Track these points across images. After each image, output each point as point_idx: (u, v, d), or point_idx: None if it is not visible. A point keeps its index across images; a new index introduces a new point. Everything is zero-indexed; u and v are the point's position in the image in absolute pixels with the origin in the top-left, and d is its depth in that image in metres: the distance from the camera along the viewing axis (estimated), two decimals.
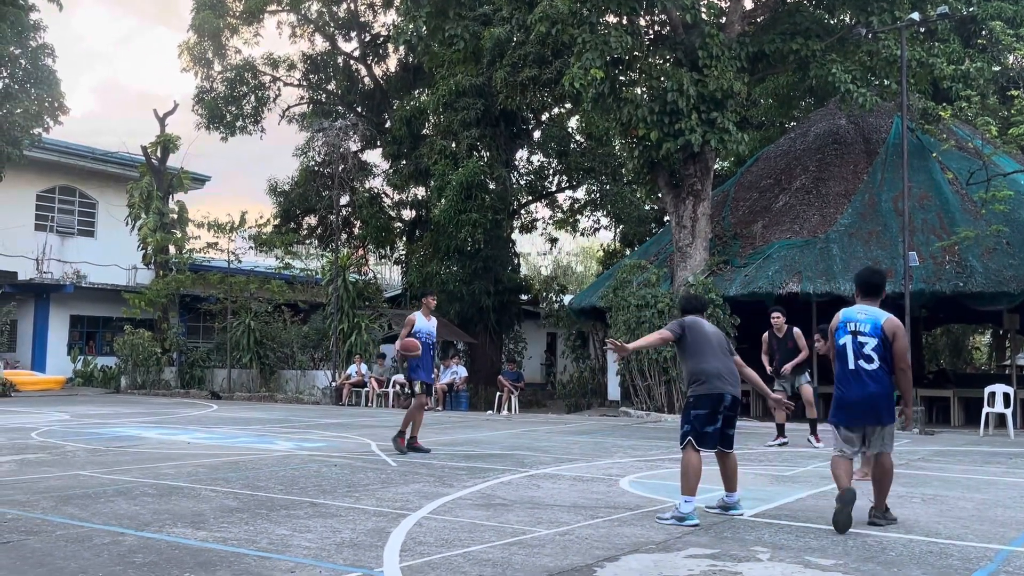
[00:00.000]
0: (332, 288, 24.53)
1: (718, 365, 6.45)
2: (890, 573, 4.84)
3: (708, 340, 6.56)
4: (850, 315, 6.32)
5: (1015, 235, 17.44)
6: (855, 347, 6.17)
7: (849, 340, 6.21)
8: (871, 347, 6.12)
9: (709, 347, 6.52)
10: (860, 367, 6.14)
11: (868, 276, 6.60)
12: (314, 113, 33.25)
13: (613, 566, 4.93)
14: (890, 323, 6.18)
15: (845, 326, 6.27)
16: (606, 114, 19.37)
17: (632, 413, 18.74)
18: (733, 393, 6.43)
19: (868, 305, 6.33)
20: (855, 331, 6.20)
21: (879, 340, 6.11)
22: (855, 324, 6.22)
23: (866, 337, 6.14)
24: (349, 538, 5.61)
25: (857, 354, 6.16)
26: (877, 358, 6.10)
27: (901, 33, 17.04)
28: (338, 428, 14.53)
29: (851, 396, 6.16)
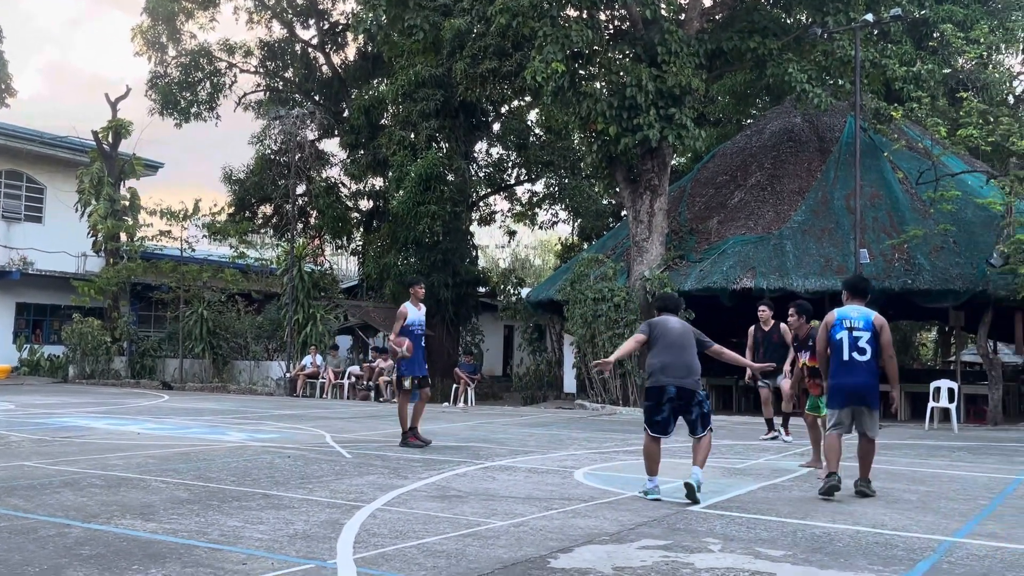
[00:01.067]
0: (287, 278, 24.26)
1: (666, 360, 6.91)
2: (837, 563, 4.93)
3: (668, 336, 7.03)
4: (845, 314, 7.25)
5: (961, 234, 17.85)
6: (851, 341, 7.09)
7: (846, 335, 7.13)
8: (865, 340, 7.07)
9: (665, 343, 6.98)
10: (854, 358, 7.07)
11: (856, 281, 7.76)
12: (271, 101, 32.81)
13: (567, 557, 4.96)
14: (878, 319, 7.17)
15: (841, 323, 7.18)
16: (565, 108, 19.41)
17: (588, 406, 18.86)
18: (679, 385, 6.85)
19: (858, 304, 7.31)
20: (851, 327, 7.12)
21: (871, 334, 7.07)
22: (850, 321, 7.15)
23: (860, 332, 7.09)
24: (302, 530, 5.56)
25: (852, 347, 7.08)
26: (870, 350, 7.05)
27: (855, 34, 17.33)
28: (292, 419, 14.40)
29: (849, 383, 7.09)
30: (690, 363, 6.95)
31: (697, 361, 7.04)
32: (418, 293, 10.72)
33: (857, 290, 7.50)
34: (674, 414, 6.92)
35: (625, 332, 17.81)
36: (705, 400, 7.03)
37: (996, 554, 5.27)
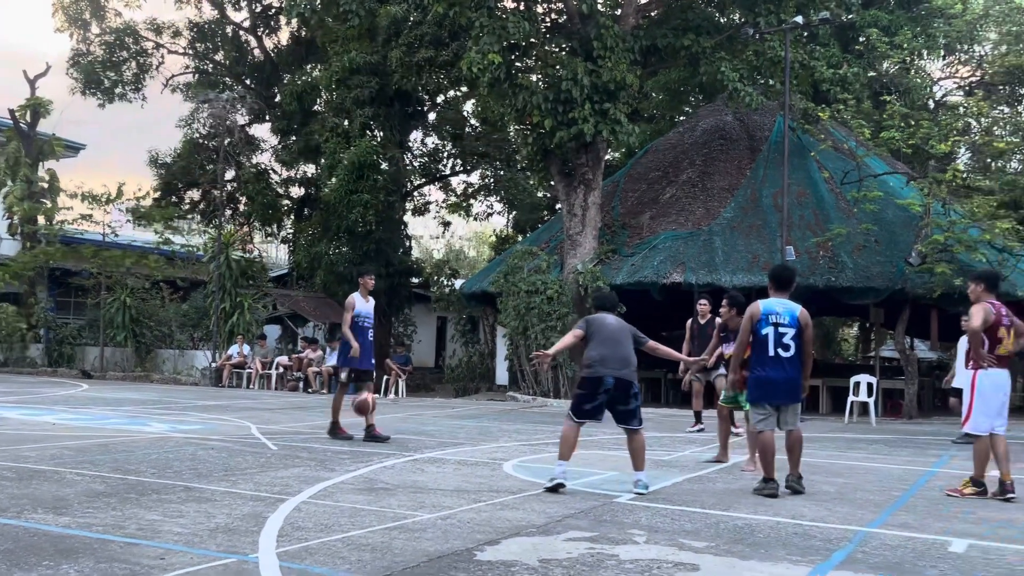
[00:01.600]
0: (214, 266, 23.73)
1: (604, 352, 7.02)
2: (757, 554, 5.03)
3: (605, 331, 7.14)
4: (771, 308, 7.08)
5: (883, 234, 18.40)
6: (776, 337, 6.98)
7: (771, 331, 7.00)
8: (789, 336, 6.97)
9: (602, 337, 7.10)
10: (779, 354, 6.97)
11: (781, 272, 7.57)
12: (200, 83, 32.01)
13: (493, 550, 4.95)
14: (803, 315, 7.08)
15: (767, 318, 7.03)
16: (502, 99, 19.40)
17: (519, 398, 18.92)
18: (617, 376, 6.96)
19: (782, 298, 7.18)
20: (776, 323, 7.00)
21: (796, 330, 6.99)
22: (776, 316, 7.02)
23: (786, 328, 6.98)
24: (224, 523, 5.44)
25: (777, 343, 6.97)
26: (794, 346, 6.98)
27: (785, 35, 17.70)
28: (217, 410, 14.10)
29: (773, 378, 7.01)
30: (627, 356, 7.08)
31: (634, 355, 7.17)
32: (368, 284, 10.40)
33: (782, 282, 7.32)
34: (606, 405, 7.01)
35: (558, 325, 17.91)
36: (639, 394, 7.14)
37: (908, 544, 5.45)
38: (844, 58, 20.45)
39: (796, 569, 4.71)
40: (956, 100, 26.73)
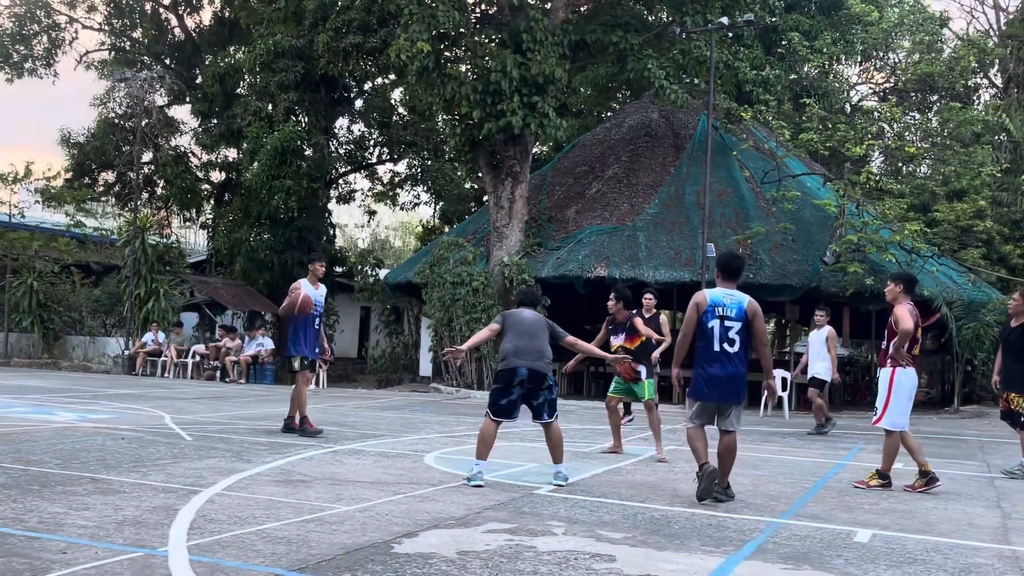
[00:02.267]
0: (129, 250, 22.97)
1: (519, 344, 7.01)
2: (673, 544, 5.11)
3: (520, 325, 7.13)
4: (718, 299, 6.60)
5: (800, 233, 18.93)
6: (721, 330, 6.51)
7: (717, 324, 6.53)
8: (735, 331, 6.51)
9: (517, 330, 7.09)
10: (725, 349, 6.50)
11: (729, 260, 7.03)
12: (116, 61, 30.89)
13: (411, 542, 4.91)
14: (751, 306, 6.60)
15: (713, 310, 6.55)
16: (430, 89, 19.25)
17: (443, 389, 18.86)
18: (530, 367, 6.93)
19: (729, 288, 6.68)
20: (723, 315, 6.53)
21: (743, 324, 6.52)
22: (723, 308, 6.55)
23: (732, 321, 6.52)
24: (132, 516, 5.26)
25: (722, 337, 6.50)
26: (739, 341, 6.52)
27: (711, 35, 18.02)
28: (129, 399, 13.66)
29: (717, 375, 6.50)
30: (542, 348, 7.08)
31: (549, 348, 7.16)
32: (317, 271, 9.89)
33: (730, 271, 6.83)
34: (522, 399, 6.98)
35: (483, 317, 17.91)
36: (554, 386, 7.13)
37: (816, 534, 5.61)
38: (767, 60, 20.93)
39: (710, 559, 4.80)
40: (871, 105, 27.64)
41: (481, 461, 6.89)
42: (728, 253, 7.85)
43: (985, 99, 28.31)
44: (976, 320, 17.68)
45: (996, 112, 23.37)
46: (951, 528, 6.02)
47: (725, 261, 7.01)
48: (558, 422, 7.15)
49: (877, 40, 24.77)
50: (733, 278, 6.77)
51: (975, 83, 28.25)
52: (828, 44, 21.23)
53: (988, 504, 7.07)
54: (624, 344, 9.01)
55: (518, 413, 7.07)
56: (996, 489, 7.92)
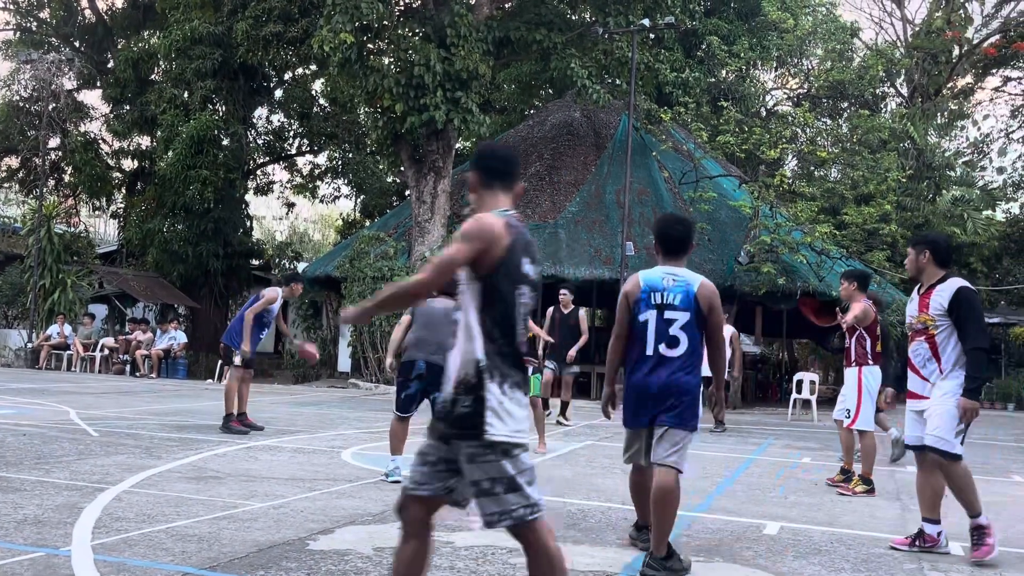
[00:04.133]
0: (34, 239, 22.06)
1: (422, 335, 6.80)
2: (589, 539, 5.18)
3: (426, 316, 6.87)
4: (653, 281, 4.66)
5: (715, 233, 19.37)
6: (659, 326, 4.57)
7: (652, 317, 4.59)
8: (680, 325, 4.56)
9: (422, 321, 6.88)
10: (661, 353, 4.57)
11: (669, 227, 4.84)
12: (21, 42, 29.55)
13: (327, 538, 4.85)
14: (705, 289, 4.62)
15: (648, 297, 4.62)
16: (352, 80, 19.03)
17: (361, 385, 18.68)
18: (428, 360, 6.65)
19: (674, 266, 4.71)
20: (662, 303, 4.59)
21: (691, 315, 4.56)
22: (662, 294, 4.60)
23: (676, 312, 4.56)
24: (33, 514, 5.06)
25: (660, 335, 4.57)
26: (686, 340, 4.56)
27: (633, 37, 18.28)
28: (32, 393, 13.12)
29: (647, 386, 4.58)
30: (443, 340, 6.80)
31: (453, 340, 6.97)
32: (295, 291, 9.85)
33: (671, 241, 4.75)
34: (422, 392, 6.74)
35: (403, 312, 17.78)
36: None
37: (727, 527, 5.76)
38: (686, 63, 21.38)
39: (625, 553, 4.89)
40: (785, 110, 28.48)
41: (397, 456, 6.79)
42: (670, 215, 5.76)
43: (892, 107, 29.49)
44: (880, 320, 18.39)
45: (902, 120, 24.36)
46: (854, 520, 6.25)
47: (665, 227, 4.85)
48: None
49: (792, 47, 25.54)
50: (677, 252, 4.73)
51: (883, 92, 29.41)
52: (745, 49, 21.80)
53: (889, 497, 7.36)
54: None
55: (416, 407, 6.78)
56: (896, 482, 8.27)
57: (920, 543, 5.29)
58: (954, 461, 5.10)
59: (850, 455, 7.78)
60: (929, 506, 5.33)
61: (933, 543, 5.28)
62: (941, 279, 5.26)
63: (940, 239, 5.47)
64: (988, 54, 28.06)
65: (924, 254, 5.31)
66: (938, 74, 28.22)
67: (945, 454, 5.10)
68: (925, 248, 5.32)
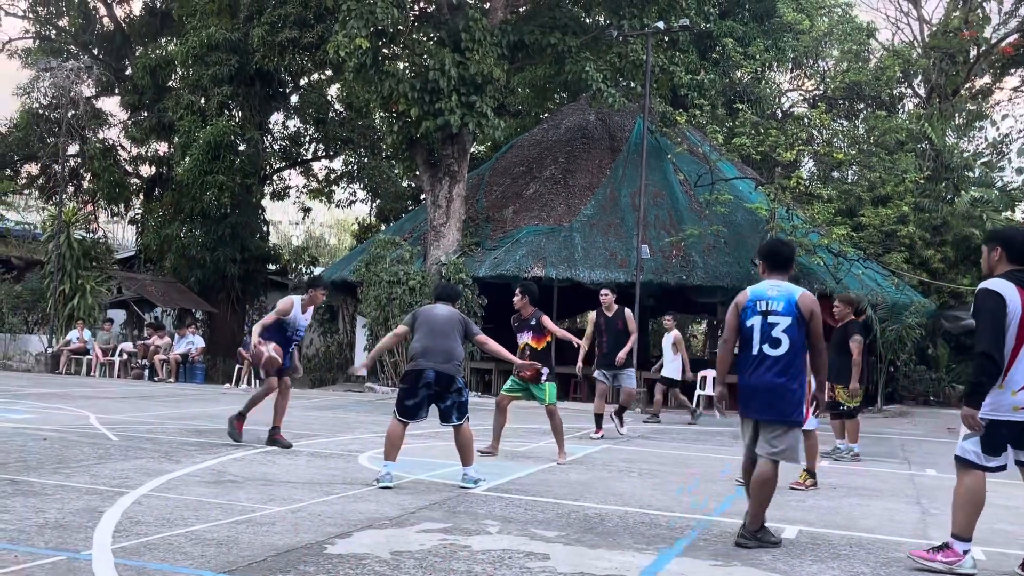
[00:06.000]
0: (53, 245, 22.25)
1: (427, 344, 6.82)
2: (606, 543, 5.17)
3: (430, 324, 6.93)
4: (759, 292, 5.45)
5: (731, 235, 19.30)
6: (763, 328, 5.33)
7: (758, 322, 5.35)
8: (782, 328, 5.29)
9: (427, 329, 6.90)
10: (765, 352, 5.31)
11: (777, 247, 5.75)
12: (41, 50, 29.84)
13: (345, 542, 4.87)
14: (805, 300, 5.35)
15: (754, 305, 5.40)
16: (368, 85, 19.09)
17: (378, 389, 18.73)
18: (437, 369, 6.73)
19: (778, 280, 5.50)
20: (767, 310, 5.35)
21: (793, 319, 5.29)
22: (767, 303, 5.36)
23: (778, 317, 5.31)
24: (55, 518, 5.11)
25: (764, 337, 5.32)
26: (788, 341, 5.28)
27: (648, 39, 18.26)
28: (52, 398, 13.23)
29: (753, 384, 5.35)
30: (450, 349, 6.84)
31: (459, 348, 6.94)
32: (317, 299, 9.05)
33: (778, 259, 5.57)
34: (428, 400, 6.79)
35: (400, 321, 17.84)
36: (464, 388, 6.93)
37: None
38: (701, 65, 21.32)
39: (642, 557, 4.87)
40: (801, 112, 28.35)
41: (390, 462, 6.74)
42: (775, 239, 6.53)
43: (909, 108, 29.28)
44: (899, 322, 18.27)
45: (919, 121, 24.18)
46: (873, 524, 6.21)
47: (772, 248, 5.73)
48: (468, 424, 6.94)
49: (807, 48, 25.42)
50: (781, 268, 5.54)
51: (900, 92, 29.20)
52: (761, 51, 21.72)
53: (908, 500, 7.31)
54: (531, 343, 8.53)
55: (426, 414, 6.86)
56: (916, 486, 8.21)
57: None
58: (965, 469, 4.89)
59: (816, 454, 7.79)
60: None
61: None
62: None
63: (1015, 234, 5.07)
64: (1006, 54, 27.80)
65: (996, 251, 4.99)
66: (956, 74, 28.00)
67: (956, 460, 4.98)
68: (996, 244, 5.00)
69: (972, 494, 4.85)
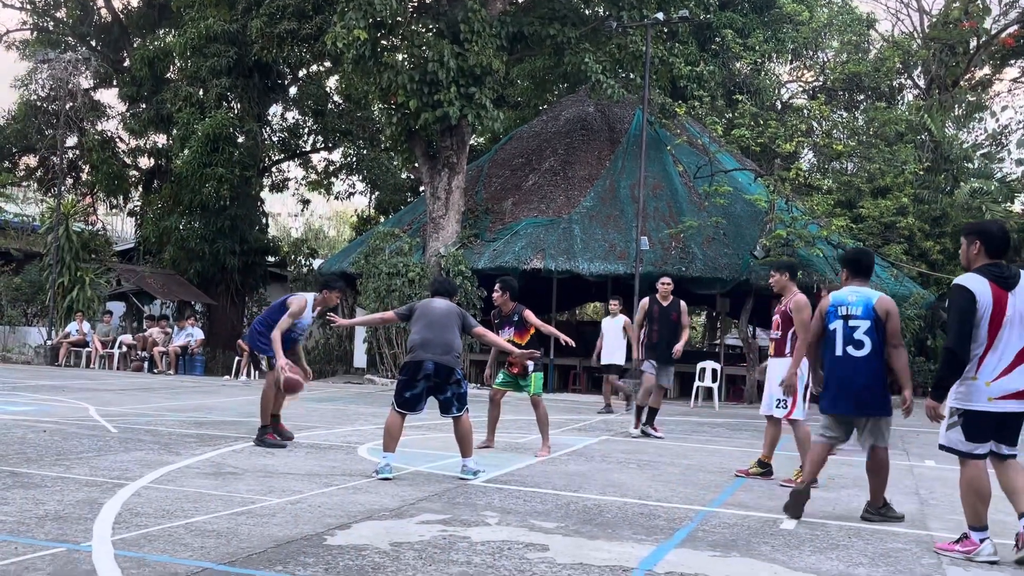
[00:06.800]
0: (52, 237, 22.24)
1: (427, 336, 6.85)
2: (605, 533, 5.19)
3: (429, 316, 6.97)
4: (841, 298, 5.99)
5: (731, 227, 19.28)
6: (845, 332, 5.86)
7: (840, 325, 5.89)
8: (863, 331, 5.82)
9: (426, 321, 6.94)
10: (849, 353, 5.83)
11: (858, 256, 6.34)
12: (39, 42, 29.77)
13: (344, 534, 4.88)
14: (882, 303, 5.91)
15: (836, 310, 5.95)
16: (366, 77, 19.06)
17: (377, 380, 18.75)
18: (436, 361, 6.76)
19: (858, 286, 6.04)
20: (846, 315, 5.88)
21: (871, 322, 5.83)
22: (847, 308, 5.90)
23: (858, 320, 5.84)
24: (54, 510, 5.12)
25: (847, 339, 5.84)
26: (869, 343, 5.81)
27: (647, 30, 18.21)
28: (51, 391, 13.24)
29: (841, 384, 5.87)
30: (450, 341, 6.88)
31: (458, 340, 6.97)
32: (330, 300, 8.65)
33: (859, 267, 6.13)
34: (427, 392, 6.82)
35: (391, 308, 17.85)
36: (463, 380, 6.95)
37: (744, 522, 5.75)
38: (701, 56, 21.26)
39: (641, 548, 4.89)
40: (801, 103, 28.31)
41: (389, 453, 6.79)
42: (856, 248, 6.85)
43: (908, 99, 29.25)
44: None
45: (919, 112, 24.15)
46: None
47: (853, 256, 6.35)
48: (468, 416, 6.98)
49: (807, 39, 25.34)
50: (862, 275, 6.08)
51: (899, 84, 29.15)
52: (760, 42, 21.67)
53: (907, 491, 7.32)
54: (513, 339, 8.35)
55: (423, 406, 6.90)
56: (915, 476, 8.22)
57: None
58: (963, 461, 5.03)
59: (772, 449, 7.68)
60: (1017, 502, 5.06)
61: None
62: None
63: (993, 227, 5.13)
64: (1006, 45, 27.77)
65: (975, 244, 5.06)
66: (955, 65, 27.96)
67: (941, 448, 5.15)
68: (975, 238, 5.07)
69: (973, 484, 4.97)
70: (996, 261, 5.02)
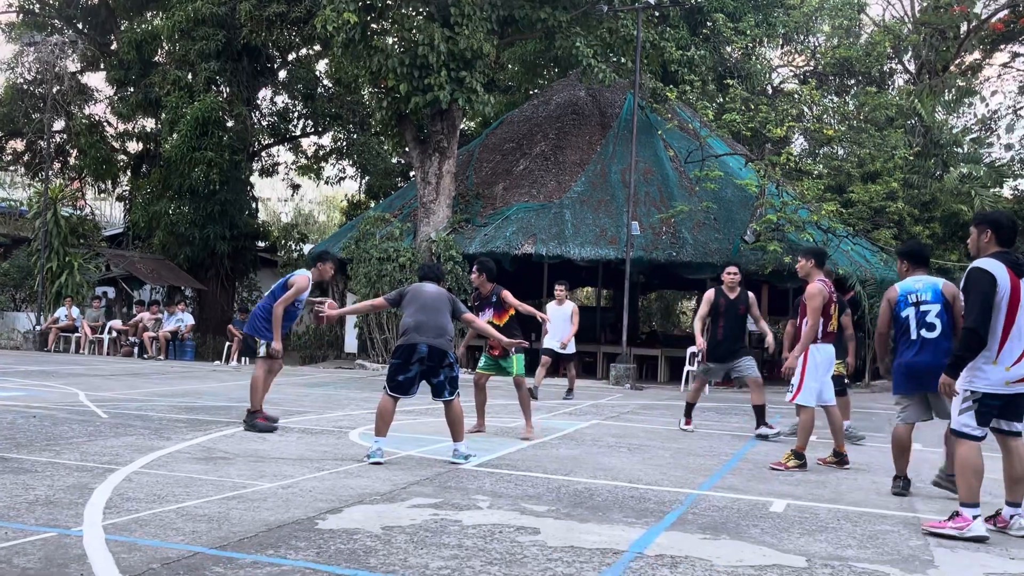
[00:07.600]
0: (40, 222, 22.10)
1: (421, 319, 6.85)
2: (596, 517, 5.21)
3: (421, 299, 6.97)
4: (908, 287, 6.34)
5: (721, 212, 19.31)
6: (918, 317, 6.21)
7: (912, 312, 6.24)
8: (934, 314, 6.18)
9: (418, 304, 6.94)
10: (923, 336, 6.18)
11: (916, 248, 6.89)
12: (25, 24, 29.45)
13: (336, 518, 4.89)
14: (949, 287, 6.30)
15: (906, 298, 6.28)
16: (356, 61, 18.94)
17: (368, 366, 18.75)
18: (430, 344, 6.77)
19: (921, 275, 6.44)
20: (917, 301, 6.23)
21: (941, 306, 6.19)
22: (916, 295, 6.26)
23: (929, 305, 6.21)
24: (45, 495, 5.11)
25: (920, 323, 6.19)
26: (940, 324, 6.15)
27: (638, 14, 18.16)
28: (41, 376, 13.20)
29: (919, 363, 6.15)
30: (443, 325, 6.91)
31: (450, 324, 7.00)
32: (326, 272, 8.71)
33: (919, 258, 6.59)
34: (420, 376, 6.82)
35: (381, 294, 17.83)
36: (455, 363, 6.96)
37: (733, 504, 5.79)
38: (692, 41, 21.18)
39: (631, 530, 4.91)
40: (792, 88, 28.29)
41: (380, 438, 6.76)
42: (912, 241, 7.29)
43: (899, 84, 29.25)
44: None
45: (909, 97, 24.16)
46: (860, 497, 6.28)
47: (914, 248, 6.89)
48: (459, 400, 7.00)
49: (798, 23, 25.29)
50: (923, 264, 6.56)
51: (890, 68, 29.14)
52: (751, 26, 21.60)
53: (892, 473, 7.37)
54: (492, 320, 8.37)
55: (416, 390, 6.90)
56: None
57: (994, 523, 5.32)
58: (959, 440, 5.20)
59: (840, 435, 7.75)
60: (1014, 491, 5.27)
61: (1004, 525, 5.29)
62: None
63: (1004, 218, 5.36)
64: (996, 29, 27.76)
65: (986, 233, 5.26)
66: (946, 50, 27.95)
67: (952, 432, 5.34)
68: (987, 227, 5.27)
69: (968, 462, 5.13)
70: (1006, 249, 5.22)
